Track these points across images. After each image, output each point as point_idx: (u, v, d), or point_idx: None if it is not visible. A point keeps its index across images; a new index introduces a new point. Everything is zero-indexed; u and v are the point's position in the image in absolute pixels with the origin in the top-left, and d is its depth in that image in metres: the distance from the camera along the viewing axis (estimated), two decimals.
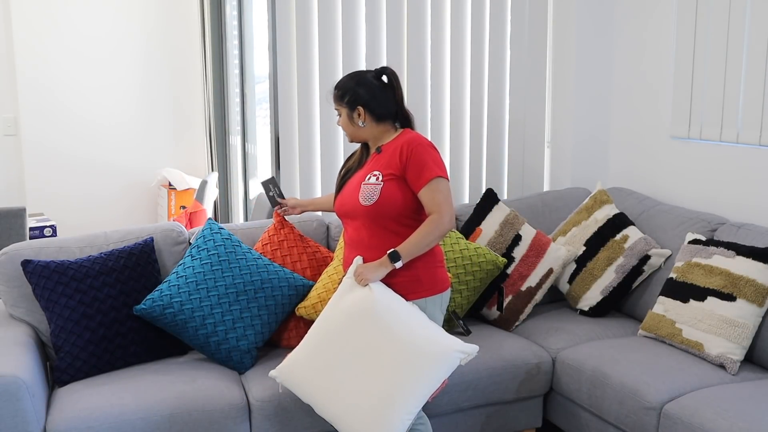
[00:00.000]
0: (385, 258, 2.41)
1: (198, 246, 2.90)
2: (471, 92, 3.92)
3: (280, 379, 2.48)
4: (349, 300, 2.42)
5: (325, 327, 2.45)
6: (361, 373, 2.35)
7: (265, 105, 4.81)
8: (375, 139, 2.56)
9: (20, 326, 2.77)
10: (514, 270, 3.30)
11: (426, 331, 2.37)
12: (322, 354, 2.41)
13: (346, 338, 2.39)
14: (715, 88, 3.36)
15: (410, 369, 2.32)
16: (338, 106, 2.57)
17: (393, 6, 3.67)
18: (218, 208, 5.52)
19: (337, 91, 2.57)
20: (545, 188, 4.16)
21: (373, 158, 2.55)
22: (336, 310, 2.44)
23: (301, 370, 2.43)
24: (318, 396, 2.40)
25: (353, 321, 2.39)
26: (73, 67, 5.51)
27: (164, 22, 5.71)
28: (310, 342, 2.46)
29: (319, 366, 2.41)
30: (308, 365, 2.42)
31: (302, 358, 2.44)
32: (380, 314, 2.36)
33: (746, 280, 2.79)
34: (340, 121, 2.59)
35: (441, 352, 2.36)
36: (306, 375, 2.42)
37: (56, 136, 5.51)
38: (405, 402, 2.32)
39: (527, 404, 3.06)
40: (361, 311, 2.38)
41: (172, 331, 2.80)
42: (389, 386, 2.31)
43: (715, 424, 2.37)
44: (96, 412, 2.45)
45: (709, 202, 3.46)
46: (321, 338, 2.44)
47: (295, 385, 2.45)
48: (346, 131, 2.59)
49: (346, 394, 2.35)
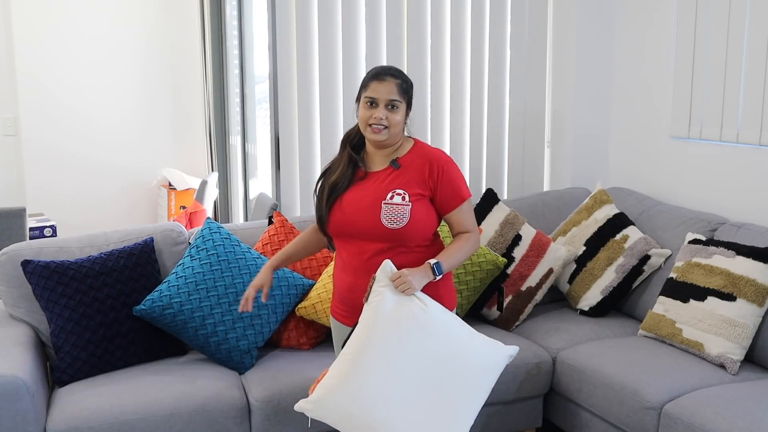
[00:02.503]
0: (428, 268, 2.20)
1: (197, 246, 2.90)
2: (471, 92, 3.92)
3: (312, 413, 2.13)
4: (399, 313, 2.12)
5: (370, 345, 2.10)
6: (421, 395, 2.09)
7: (265, 105, 4.81)
8: (393, 148, 2.32)
9: (20, 326, 2.76)
10: (514, 270, 3.30)
11: (476, 341, 2.23)
12: (369, 377, 2.08)
13: (400, 356, 2.09)
14: (715, 88, 3.36)
15: (473, 384, 2.17)
16: (400, 98, 2.25)
17: (393, 6, 3.67)
18: (218, 208, 5.52)
19: (403, 83, 2.28)
20: (545, 188, 4.16)
21: (388, 173, 2.29)
22: (381, 324, 2.12)
23: (342, 398, 2.09)
24: (366, 422, 2.07)
25: (408, 336, 2.11)
26: (73, 67, 5.51)
27: (164, 22, 5.70)
28: (351, 363, 2.11)
29: (367, 391, 2.08)
30: (352, 391, 2.08)
31: (344, 384, 2.10)
32: (437, 327, 2.15)
33: (746, 280, 2.79)
34: (393, 115, 2.24)
35: (495, 361, 2.24)
36: (349, 402, 2.08)
37: (56, 136, 5.51)
38: (468, 418, 2.17)
39: (527, 404, 3.06)
40: (417, 325, 2.12)
41: (171, 331, 2.80)
42: (454, 406, 2.13)
43: (715, 424, 2.37)
44: (96, 412, 2.45)
45: (709, 202, 3.45)
46: (365, 358, 2.10)
47: (335, 415, 2.11)
48: (393, 129, 2.25)
49: (403, 419, 2.07)
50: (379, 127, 2.23)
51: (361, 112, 2.27)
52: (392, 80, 2.25)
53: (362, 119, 2.27)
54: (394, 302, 2.13)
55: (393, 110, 2.23)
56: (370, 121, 2.24)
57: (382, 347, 2.10)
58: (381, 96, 2.23)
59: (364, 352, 2.11)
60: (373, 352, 2.10)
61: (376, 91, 2.24)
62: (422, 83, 3.79)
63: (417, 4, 3.71)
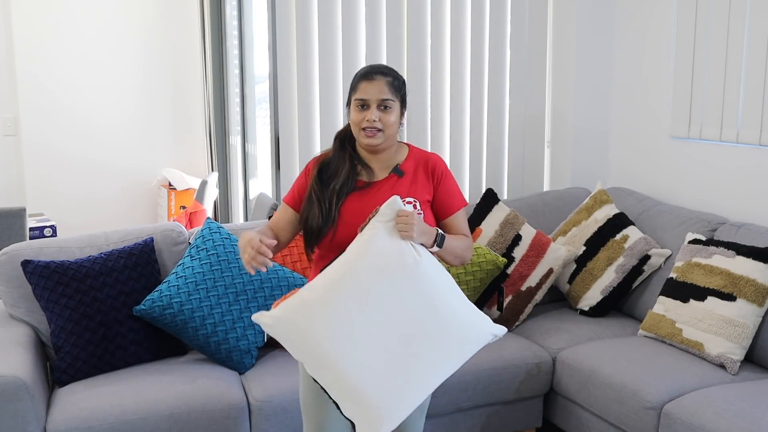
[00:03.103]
0: (434, 231, 2.06)
1: (197, 246, 2.90)
2: (471, 92, 3.92)
3: (270, 328, 1.97)
4: (388, 253, 1.97)
5: (349, 277, 1.95)
6: (387, 346, 1.94)
7: (265, 105, 4.81)
8: (390, 153, 2.21)
9: (20, 326, 2.76)
10: (514, 270, 3.30)
11: (464, 309, 2.08)
12: (338, 309, 1.93)
13: (375, 298, 1.95)
14: (715, 88, 3.36)
15: (447, 351, 2.01)
16: (392, 96, 2.13)
17: (393, 6, 3.67)
18: (218, 208, 5.52)
19: (395, 80, 2.16)
20: (545, 188, 4.16)
21: (393, 182, 2.17)
22: (366, 260, 1.97)
23: (304, 322, 1.94)
24: (321, 352, 1.92)
25: (391, 280, 1.96)
26: (73, 67, 5.51)
27: (164, 22, 5.70)
28: (324, 290, 1.96)
29: (332, 323, 1.92)
30: (316, 318, 1.93)
31: (310, 308, 1.95)
32: (425, 281, 2.00)
33: (746, 280, 2.79)
34: (386, 116, 2.11)
35: (477, 336, 2.08)
36: (313, 324, 1.93)
37: (56, 136, 5.51)
38: (431, 379, 2.00)
39: (527, 404, 3.06)
40: (404, 272, 1.97)
41: (171, 331, 2.80)
42: (419, 360, 1.97)
43: (715, 424, 2.37)
44: (96, 412, 2.45)
45: (709, 202, 3.45)
46: (340, 290, 1.95)
47: (293, 335, 1.96)
48: (388, 132, 2.12)
49: (360, 363, 1.92)
50: (373, 130, 2.10)
51: (353, 115, 2.15)
52: (382, 78, 2.12)
53: (354, 123, 2.14)
54: (388, 242, 1.97)
55: (386, 111, 2.11)
56: (363, 124, 2.11)
57: (360, 283, 1.95)
58: (372, 96, 2.11)
59: (340, 284, 1.95)
60: (350, 285, 1.95)
61: (366, 92, 2.11)
62: (422, 83, 3.80)
63: (417, 4, 3.71)
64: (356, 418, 1.96)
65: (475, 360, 2.90)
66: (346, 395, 1.95)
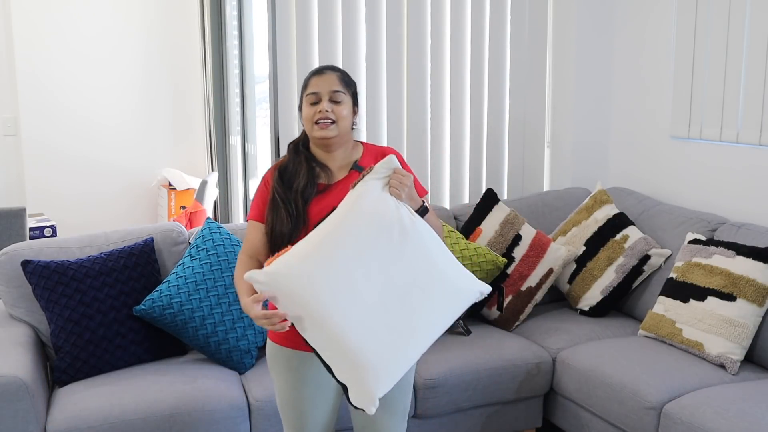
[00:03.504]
0: (419, 201, 2.06)
1: (197, 246, 2.90)
2: (471, 92, 3.92)
3: (263, 285, 1.89)
4: (384, 209, 1.95)
5: (344, 232, 1.91)
6: (386, 294, 1.91)
7: (265, 105, 4.81)
8: (346, 152, 2.19)
9: (20, 326, 2.76)
10: (514, 270, 3.30)
11: (456, 267, 2.04)
12: (333, 265, 1.89)
13: (371, 253, 1.91)
14: (715, 88, 3.36)
15: (440, 303, 1.98)
16: (343, 89, 2.14)
17: (393, 6, 3.67)
18: (218, 208, 5.51)
19: (345, 76, 2.18)
20: (545, 188, 4.16)
21: (353, 178, 2.11)
22: (361, 214, 1.94)
23: (299, 279, 1.88)
24: (318, 308, 1.87)
25: (387, 235, 1.93)
26: (73, 67, 5.51)
27: (164, 22, 5.70)
28: (318, 246, 1.91)
29: (327, 279, 1.87)
30: (311, 274, 1.88)
31: (304, 264, 1.89)
32: (420, 239, 1.97)
33: (746, 280, 2.79)
34: (338, 108, 2.11)
35: (466, 293, 2.05)
36: (310, 278, 1.87)
37: (56, 136, 5.51)
38: (424, 339, 1.97)
39: (527, 404, 3.06)
40: (400, 228, 1.95)
41: (171, 331, 2.80)
42: (415, 317, 1.93)
43: (715, 424, 2.37)
44: (96, 412, 2.45)
45: (709, 202, 3.45)
46: (334, 244, 1.90)
47: (288, 291, 1.89)
48: (341, 124, 2.12)
49: (360, 313, 1.88)
50: (326, 122, 2.09)
51: (305, 111, 2.13)
52: (332, 73, 2.14)
53: (307, 118, 2.13)
54: (381, 198, 1.96)
55: (337, 104, 2.11)
56: (316, 117, 2.10)
57: (358, 237, 1.91)
58: (323, 89, 2.11)
59: (335, 238, 1.91)
60: (345, 240, 1.91)
61: (316, 86, 2.12)
62: (422, 83, 3.80)
63: (417, 4, 3.71)
64: (350, 381, 1.90)
65: (475, 360, 2.92)
66: (341, 356, 1.89)
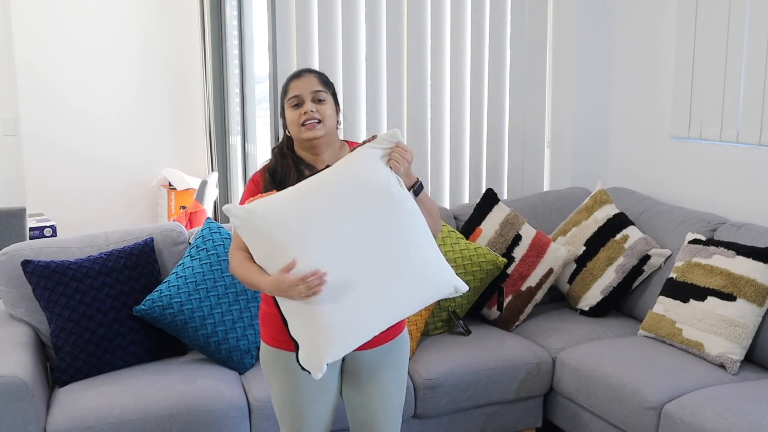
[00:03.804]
0: (415, 177, 2.05)
1: (197, 246, 2.90)
2: (471, 92, 3.92)
3: (239, 220, 1.88)
4: (377, 176, 1.94)
5: (330, 189, 1.90)
6: (357, 260, 1.88)
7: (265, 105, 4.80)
8: (333, 152, 2.19)
9: (20, 326, 2.76)
10: (514, 270, 3.30)
11: (436, 255, 2.01)
12: (314, 217, 1.86)
13: (356, 210, 1.88)
14: (715, 88, 3.36)
15: (410, 286, 1.94)
16: (324, 89, 2.14)
17: (393, 6, 3.67)
18: (218, 208, 5.51)
19: (323, 76, 2.18)
20: (545, 188, 4.16)
21: None
22: (353, 175, 1.93)
23: (277, 222, 1.85)
24: (286, 256, 1.84)
25: (374, 202, 1.91)
26: (74, 67, 5.51)
27: (164, 22, 5.70)
28: (303, 195, 1.89)
29: (305, 230, 1.84)
30: (290, 221, 1.85)
31: (285, 210, 1.87)
32: (404, 214, 1.95)
33: (746, 280, 2.79)
34: (322, 108, 2.11)
35: (442, 282, 2.01)
36: (285, 224, 1.85)
37: (56, 136, 5.51)
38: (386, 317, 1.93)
39: (527, 404, 3.06)
40: (388, 198, 1.93)
41: (171, 331, 2.80)
42: (381, 293, 1.90)
43: (715, 424, 2.37)
44: (96, 412, 2.45)
45: (709, 202, 3.45)
46: (319, 198, 1.88)
47: (261, 232, 1.87)
48: (327, 123, 2.12)
49: (328, 271, 1.84)
50: (312, 122, 2.09)
51: (289, 116, 2.13)
52: (310, 74, 2.15)
53: (292, 122, 2.12)
54: (376, 166, 1.95)
55: (321, 103, 2.11)
56: (302, 119, 2.10)
57: (340, 196, 1.89)
58: (304, 91, 2.11)
59: (320, 192, 1.89)
60: (329, 196, 1.89)
61: (297, 89, 2.12)
62: (422, 83, 3.80)
63: (417, 4, 3.71)
64: (302, 339, 1.88)
65: (475, 360, 2.92)
66: (298, 311, 1.87)
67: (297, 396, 2.13)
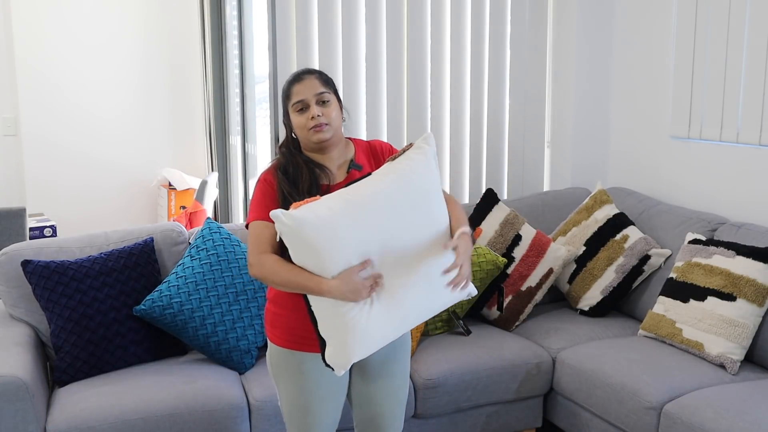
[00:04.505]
0: (470, 247, 2.05)
1: (197, 246, 2.90)
2: (471, 92, 3.92)
3: (286, 228, 1.87)
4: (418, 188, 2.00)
5: (378, 199, 1.93)
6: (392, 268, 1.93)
7: (265, 105, 4.81)
8: (341, 151, 2.19)
9: (20, 326, 2.76)
10: (514, 270, 3.30)
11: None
12: (362, 227, 1.90)
13: (401, 224, 1.94)
14: (715, 88, 3.36)
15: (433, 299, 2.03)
16: (327, 89, 2.13)
17: (393, 6, 3.67)
18: (218, 208, 5.51)
19: (323, 75, 2.16)
20: (545, 188, 4.16)
21: (353, 176, 2.14)
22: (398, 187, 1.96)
23: (326, 231, 1.86)
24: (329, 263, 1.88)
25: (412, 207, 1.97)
26: (73, 67, 5.51)
27: (164, 22, 5.70)
28: (350, 205, 1.91)
29: (351, 239, 1.89)
30: (338, 229, 1.87)
31: (334, 218, 1.87)
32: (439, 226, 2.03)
33: (746, 280, 2.79)
34: (327, 110, 2.10)
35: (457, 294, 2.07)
36: (334, 233, 1.87)
37: (56, 136, 5.51)
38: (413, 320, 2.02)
39: (527, 404, 3.06)
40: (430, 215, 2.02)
41: (171, 331, 2.80)
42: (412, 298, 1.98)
43: (715, 424, 2.37)
44: (96, 412, 2.45)
45: (709, 202, 3.45)
46: (367, 207, 1.92)
47: (307, 239, 1.87)
48: (334, 124, 2.12)
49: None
50: (320, 126, 2.08)
51: (296, 121, 2.12)
52: (310, 76, 2.12)
53: (300, 127, 2.11)
54: (420, 178, 1.99)
55: (325, 105, 2.10)
56: (309, 123, 2.08)
57: (388, 210, 1.93)
58: (307, 95, 2.09)
59: (370, 206, 1.91)
60: (379, 210, 1.92)
61: (300, 93, 2.10)
62: (422, 83, 3.80)
63: (417, 4, 3.71)
64: (332, 339, 1.92)
65: (475, 360, 2.92)
66: (333, 313, 1.90)
67: (309, 396, 2.13)
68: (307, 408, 2.14)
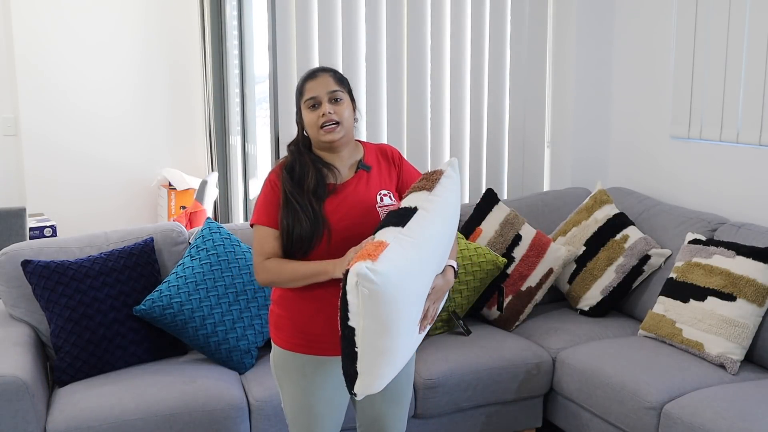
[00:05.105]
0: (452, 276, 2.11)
1: (197, 246, 2.90)
2: (471, 92, 3.92)
3: (374, 286, 1.70)
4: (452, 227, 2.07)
5: (433, 235, 1.93)
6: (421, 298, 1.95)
7: (265, 105, 4.81)
8: (350, 151, 2.17)
9: (20, 326, 2.76)
10: (514, 270, 3.30)
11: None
12: (425, 267, 1.91)
13: (433, 260, 1.97)
14: (715, 88, 3.36)
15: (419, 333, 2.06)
16: (340, 88, 2.11)
17: (393, 6, 3.67)
18: (218, 208, 5.51)
19: (337, 74, 2.15)
20: (545, 188, 4.16)
21: (361, 178, 2.14)
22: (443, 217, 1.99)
23: (401, 281, 1.78)
24: (395, 317, 1.80)
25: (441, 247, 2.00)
26: (73, 67, 5.51)
27: (164, 22, 5.70)
28: (415, 247, 1.85)
29: (414, 280, 1.85)
30: (409, 278, 1.82)
31: (408, 266, 1.82)
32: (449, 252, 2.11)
33: (746, 280, 2.79)
34: (340, 108, 2.08)
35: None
36: (404, 287, 1.80)
37: (57, 136, 5.51)
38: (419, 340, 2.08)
39: (527, 404, 3.06)
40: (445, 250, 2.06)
41: (171, 331, 2.80)
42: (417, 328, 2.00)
43: (715, 424, 2.37)
44: (96, 412, 2.45)
45: (709, 202, 3.45)
46: (426, 246, 1.90)
47: (387, 295, 1.74)
48: (346, 124, 2.09)
49: (412, 318, 1.91)
50: (331, 125, 2.06)
51: (307, 118, 2.09)
52: (325, 74, 2.11)
53: (311, 124, 2.08)
54: (456, 207, 2.07)
55: (338, 103, 2.08)
56: (320, 121, 2.06)
57: (441, 247, 1.98)
58: (320, 92, 2.07)
59: (426, 241, 1.88)
60: (433, 241, 1.92)
61: (314, 90, 2.08)
62: (422, 83, 3.80)
63: (417, 4, 3.71)
64: (365, 373, 1.85)
65: (475, 360, 2.92)
66: (377, 352, 1.82)
67: (312, 398, 2.12)
68: (311, 410, 2.13)
